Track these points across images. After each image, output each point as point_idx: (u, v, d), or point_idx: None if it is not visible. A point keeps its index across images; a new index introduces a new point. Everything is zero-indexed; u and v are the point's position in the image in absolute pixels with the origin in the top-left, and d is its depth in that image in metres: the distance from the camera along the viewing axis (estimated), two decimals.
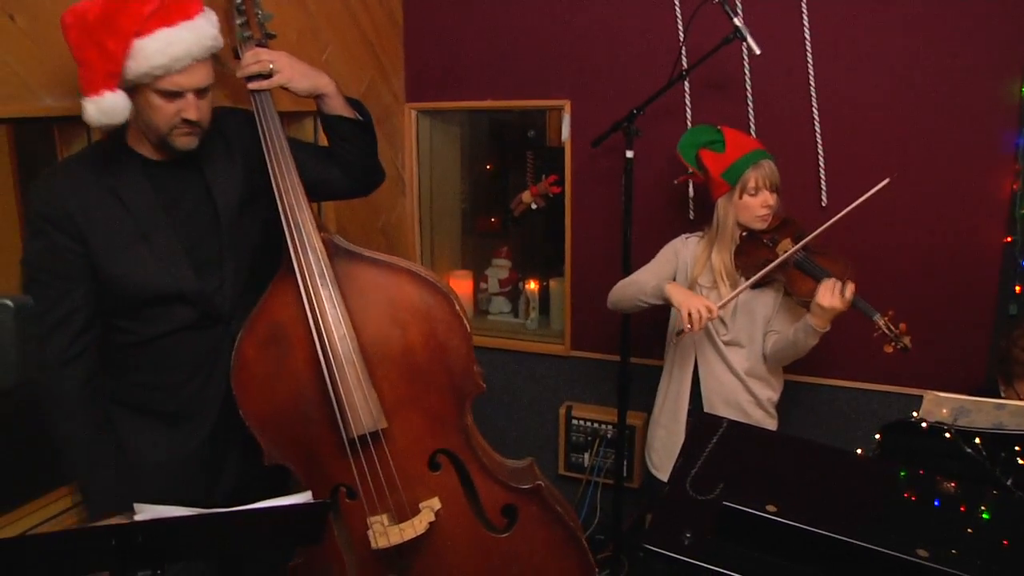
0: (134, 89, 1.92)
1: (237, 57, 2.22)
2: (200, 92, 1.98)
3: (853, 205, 2.45)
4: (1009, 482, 1.68)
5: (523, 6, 3.48)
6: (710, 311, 2.44)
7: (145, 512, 1.58)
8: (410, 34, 3.71)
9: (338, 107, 2.26)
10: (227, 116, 2.27)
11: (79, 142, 2.28)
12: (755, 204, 2.58)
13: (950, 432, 1.79)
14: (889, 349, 2.42)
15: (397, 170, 3.74)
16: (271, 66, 2.15)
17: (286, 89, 2.19)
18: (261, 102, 2.17)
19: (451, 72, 3.67)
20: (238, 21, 2.21)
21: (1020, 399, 2.38)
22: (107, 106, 1.88)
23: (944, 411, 1.81)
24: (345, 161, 2.33)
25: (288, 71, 2.17)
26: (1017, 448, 1.73)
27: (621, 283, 2.75)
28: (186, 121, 1.97)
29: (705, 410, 2.72)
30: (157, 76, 1.89)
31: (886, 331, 2.41)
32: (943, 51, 2.88)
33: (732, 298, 2.56)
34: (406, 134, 3.78)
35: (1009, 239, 2.88)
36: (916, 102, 2.95)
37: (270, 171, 2.13)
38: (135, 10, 1.85)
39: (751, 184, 2.56)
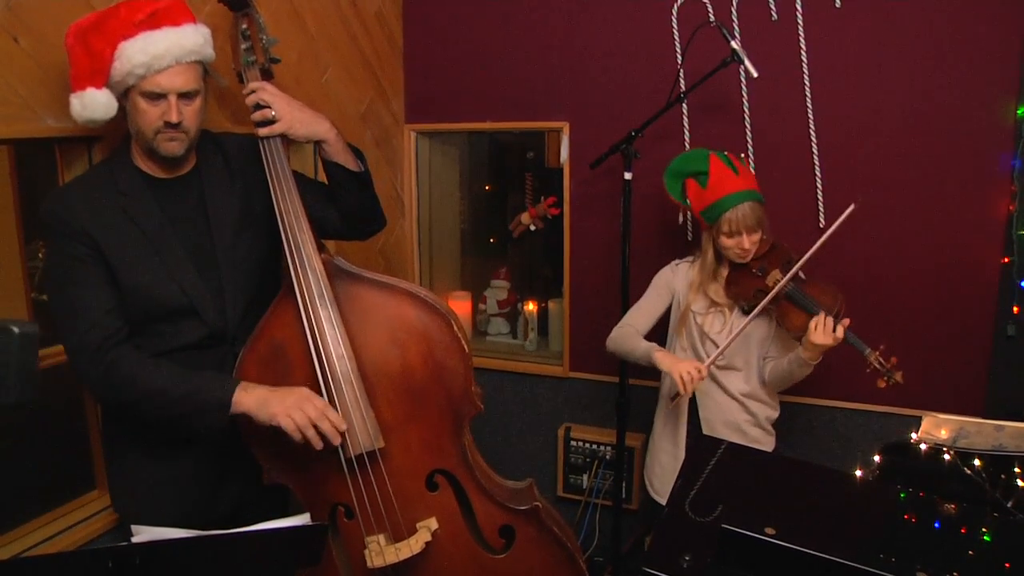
0: (125, 95, 2.00)
1: (242, 81, 2.25)
2: (184, 97, 2.02)
3: (827, 234, 2.49)
4: (1010, 504, 1.68)
5: (522, 28, 3.51)
6: (700, 371, 2.50)
7: (142, 534, 1.58)
8: (409, 56, 3.73)
9: (337, 154, 2.28)
10: (229, 139, 2.33)
11: (80, 163, 2.30)
12: (731, 245, 2.60)
13: (949, 453, 1.78)
14: (882, 384, 2.45)
15: (396, 191, 3.75)
16: (272, 114, 2.18)
17: (285, 135, 2.21)
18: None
19: (450, 94, 3.69)
20: (243, 46, 2.25)
21: None
22: (88, 100, 1.97)
23: (943, 432, 1.81)
24: (343, 205, 2.36)
25: (287, 119, 2.19)
26: (1017, 469, 1.72)
27: (618, 334, 2.78)
28: (168, 124, 2.00)
29: (704, 432, 2.72)
30: (140, 76, 1.96)
31: (877, 366, 2.43)
32: (939, 73, 2.91)
33: (733, 338, 2.58)
34: (405, 155, 3.79)
35: (1007, 260, 2.89)
36: (913, 123, 2.96)
37: (272, 192, 2.17)
38: (125, 17, 1.97)
39: (725, 228, 2.57)
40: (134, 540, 1.54)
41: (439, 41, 3.67)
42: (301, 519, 1.70)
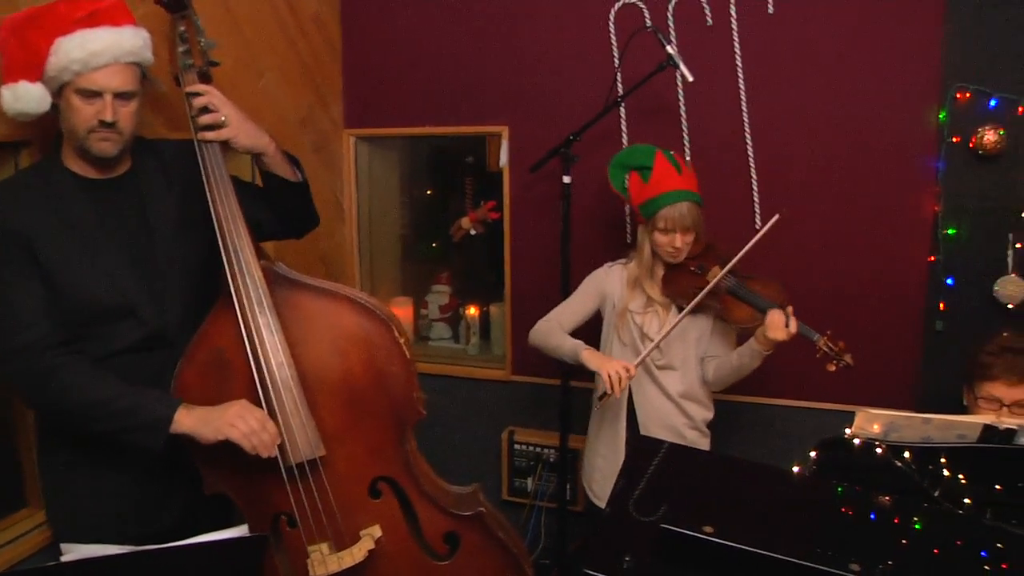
0: (58, 92, 1.98)
1: (179, 84, 2.21)
2: (120, 98, 2.00)
3: (755, 239, 2.53)
4: (937, 493, 1.73)
5: (461, 33, 3.51)
6: (628, 370, 2.50)
7: (73, 553, 1.54)
8: (348, 60, 3.71)
9: (275, 166, 2.27)
10: (164, 144, 2.30)
11: (7, 170, 2.25)
12: (663, 242, 2.62)
13: (881, 447, 1.83)
14: (832, 367, 2.49)
15: (336, 197, 3.72)
16: (222, 118, 2.15)
17: (228, 143, 2.18)
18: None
19: (390, 98, 3.67)
20: (180, 49, 2.20)
21: (977, 401, 2.46)
22: (21, 92, 1.96)
23: (875, 427, 1.85)
24: (280, 209, 2.35)
25: (235, 127, 2.17)
26: (943, 460, 1.77)
27: (543, 327, 2.77)
28: (103, 123, 1.97)
29: (641, 434, 2.73)
30: (76, 72, 1.94)
31: (827, 351, 2.48)
32: (867, 79, 2.99)
33: (668, 332, 2.60)
34: (344, 160, 3.76)
35: (933, 258, 2.98)
36: (843, 127, 3.04)
37: (209, 198, 2.13)
38: (64, 13, 1.95)
39: (660, 224, 2.60)
40: (63, 559, 1.50)
41: (378, 45, 3.65)
42: (239, 531, 1.67)
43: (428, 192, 4.50)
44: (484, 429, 3.79)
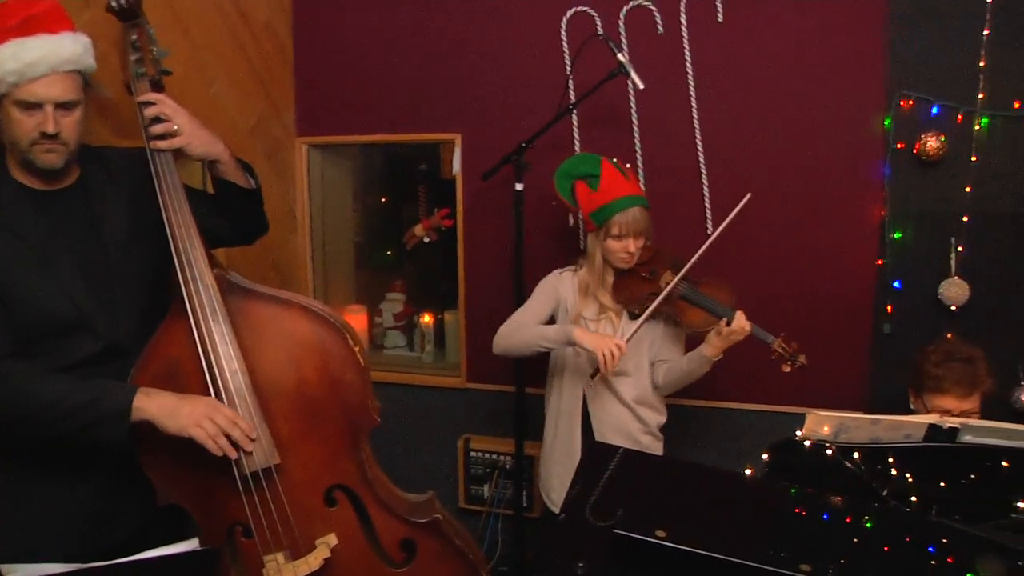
0: None
1: (131, 93, 2.18)
2: (62, 107, 1.95)
3: (722, 226, 2.58)
4: (885, 492, 1.76)
5: (414, 40, 3.51)
6: (620, 348, 2.50)
7: (14, 574, 1.50)
8: (301, 67, 3.68)
9: (229, 173, 2.25)
10: (112, 152, 2.26)
11: None
12: (617, 248, 2.64)
13: (831, 448, 1.85)
14: (787, 368, 2.53)
15: (288, 205, 3.68)
16: (175, 127, 2.12)
17: (180, 150, 2.16)
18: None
19: (342, 106, 3.65)
20: (132, 57, 2.18)
21: (928, 411, 2.51)
22: None
23: (825, 428, 1.88)
24: (232, 217, 2.33)
25: (188, 135, 2.14)
26: (891, 460, 1.81)
27: (509, 329, 2.74)
28: (44, 135, 1.93)
29: (596, 440, 2.74)
30: (12, 84, 1.88)
31: (782, 352, 2.52)
32: (815, 86, 3.05)
33: (633, 333, 2.61)
34: (297, 168, 3.73)
35: (880, 262, 3.05)
36: (792, 134, 3.10)
37: (162, 207, 2.11)
38: None
39: (614, 230, 2.62)
40: None
41: (331, 52, 3.63)
42: (190, 544, 1.64)
43: (381, 200, 4.48)
44: (440, 437, 3.77)
